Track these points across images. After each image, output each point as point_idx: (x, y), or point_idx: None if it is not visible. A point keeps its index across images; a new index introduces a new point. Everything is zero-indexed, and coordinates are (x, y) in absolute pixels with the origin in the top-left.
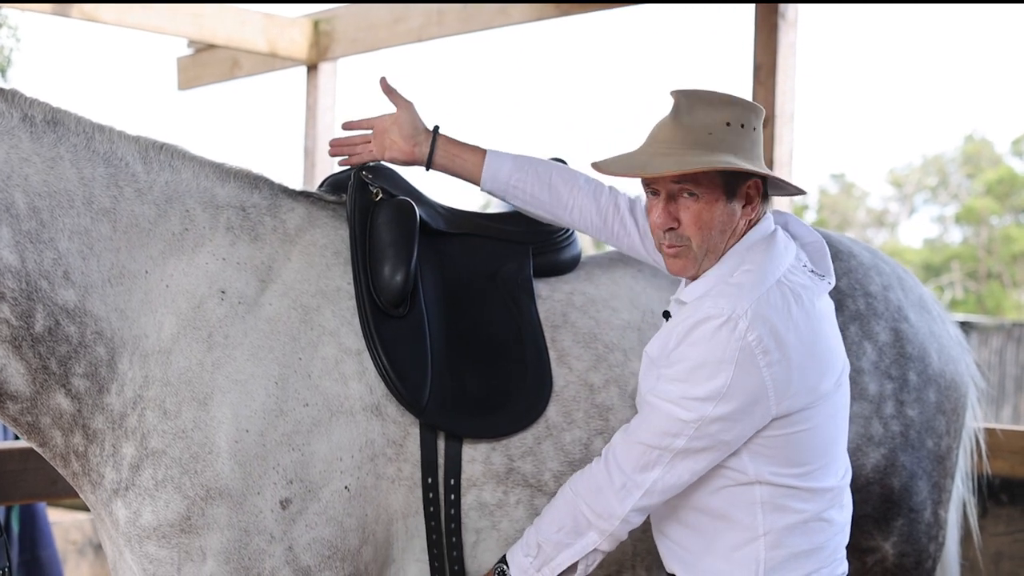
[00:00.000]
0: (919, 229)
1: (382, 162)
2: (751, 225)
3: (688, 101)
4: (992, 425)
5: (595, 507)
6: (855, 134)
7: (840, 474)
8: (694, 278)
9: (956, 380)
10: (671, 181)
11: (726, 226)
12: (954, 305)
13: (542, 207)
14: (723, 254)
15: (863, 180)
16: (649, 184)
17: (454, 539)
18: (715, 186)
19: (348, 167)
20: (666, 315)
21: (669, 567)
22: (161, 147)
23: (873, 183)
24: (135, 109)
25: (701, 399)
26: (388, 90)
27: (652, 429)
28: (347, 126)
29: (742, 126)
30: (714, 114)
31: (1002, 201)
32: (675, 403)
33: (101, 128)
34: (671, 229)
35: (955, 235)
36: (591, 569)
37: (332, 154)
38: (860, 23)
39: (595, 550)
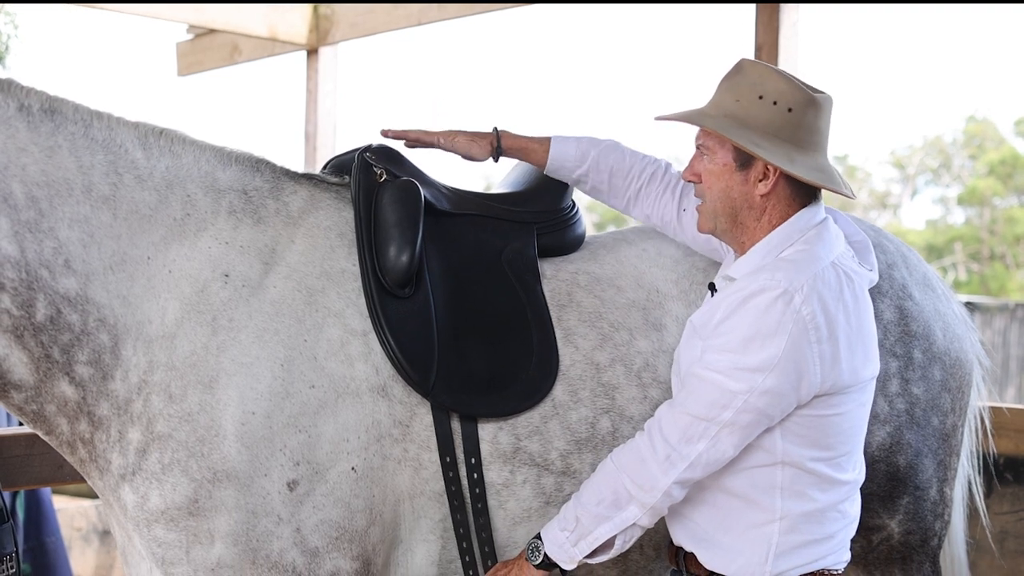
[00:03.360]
0: (922, 211)
1: (385, 144)
2: (782, 204)
3: (745, 67)
4: (997, 404)
5: (637, 479)
6: (857, 116)
7: (858, 469)
8: (740, 245)
9: (961, 358)
10: (698, 136)
11: (741, 194)
12: (957, 286)
13: (602, 198)
14: (763, 231)
15: (865, 162)
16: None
17: (482, 520)
18: (725, 150)
19: (352, 149)
20: (712, 288)
21: (677, 539)
22: (161, 132)
23: (875, 165)
24: (135, 96)
25: (752, 370)
26: (446, 150)
27: (699, 401)
28: (389, 134)
29: (789, 110)
30: (755, 86)
31: (1005, 182)
32: (725, 374)
33: (99, 115)
34: (691, 182)
35: (958, 216)
36: (628, 545)
37: (391, 134)
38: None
39: (634, 524)
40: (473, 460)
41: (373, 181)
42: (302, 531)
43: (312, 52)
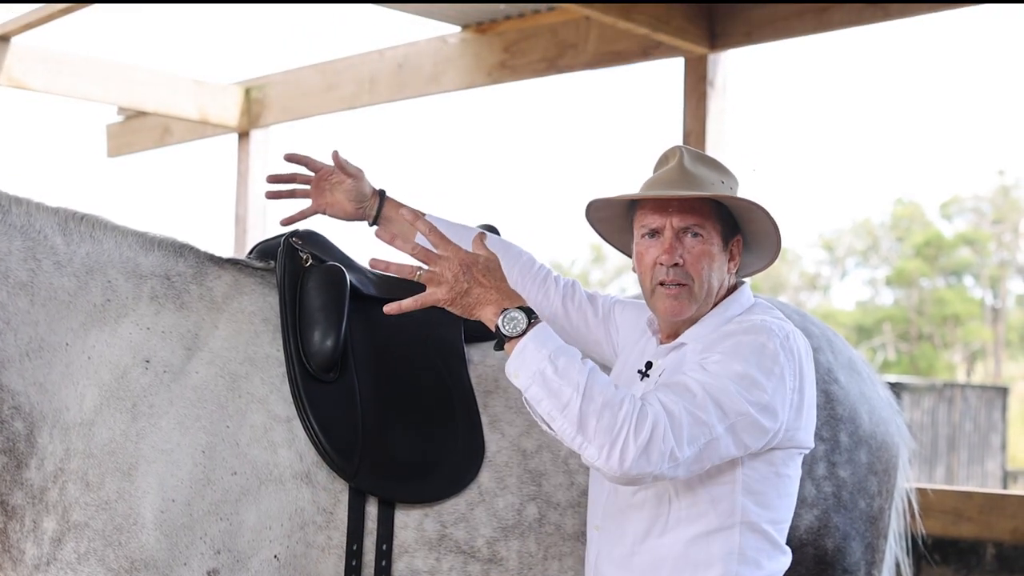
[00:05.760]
0: (851, 292)
1: (311, 229)
2: (730, 288)
3: (692, 156)
4: (924, 485)
5: (622, 442)
6: (786, 199)
7: (789, 550)
8: (685, 324)
9: (887, 441)
10: (683, 219)
11: (720, 275)
12: (886, 366)
13: None
14: (712, 308)
15: (795, 244)
16: (648, 225)
17: None
18: (716, 231)
19: (278, 234)
20: (646, 370)
21: None
22: (82, 218)
23: (805, 247)
24: (64, 177)
25: (747, 401)
26: (340, 164)
27: (700, 407)
28: (290, 158)
29: (731, 189)
30: (715, 174)
31: (931, 263)
32: (720, 393)
33: (18, 200)
34: (676, 265)
35: (887, 297)
36: (542, 423)
37: (269, 189)
38: (788, 90)
39: (572, 442)
40: (384, 547)
41: (299, 266)
42: None
43: (243, 135)
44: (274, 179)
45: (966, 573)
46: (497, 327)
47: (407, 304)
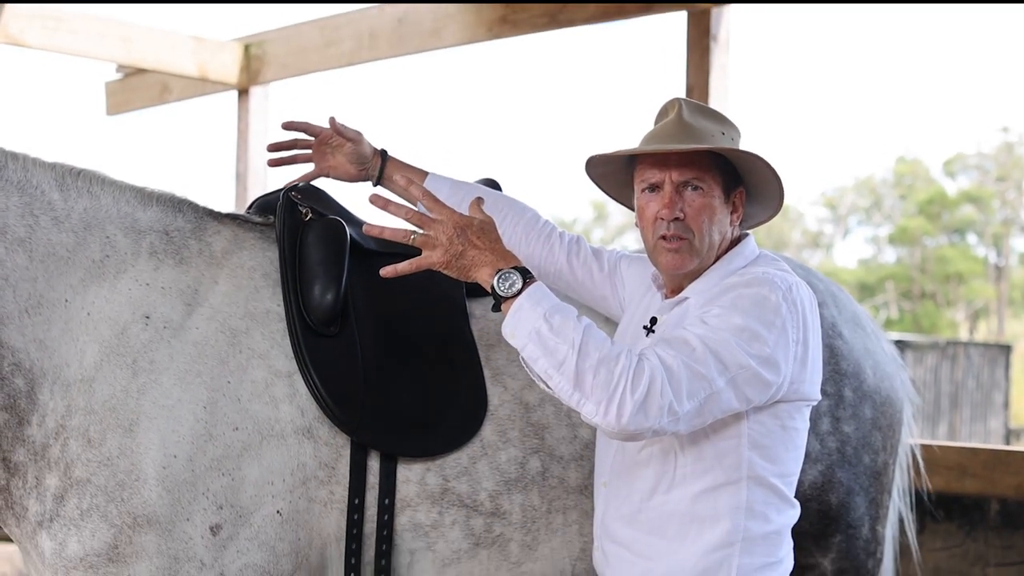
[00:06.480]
0: (854, 250)
1: (311, 183)
2: (734, 241)
3: (691, 108)
4: (928, 441)
5: (620, 396)
6: (789, 156)
7: (798, 503)
8: (688, 278)
9: (891, 396)
10: (682, 173)
11: (721, 228)
12: (889, 324)
13: None
14: (716, 261)
15: (798, 202)
16: (648, 180)
17: (383, 561)
18: (716, 183)
19: (278, 189)
20: (651, 325)
21: None
22: (79, 173)
23: (807, 205)
24: (63, 136)
25: (748, 354)
26: (338, 129)
27: (698, 362)
28: (288, 126)
29: (732, 140)
30: (716, 125)
31: (934, 221)
32: (720, 347)
33: (15, 156)
34: (677, 219)
35: (889, 255)
36: (539, 381)
37: (271, 156)
38: (791, 46)
39: (569, 395)
40: (387, 501)
41: (298, 220)
42: None
43: (243, 92)
44: (275, 147)
45: (970, 529)
46: (492, 287)
47: (403, 268)
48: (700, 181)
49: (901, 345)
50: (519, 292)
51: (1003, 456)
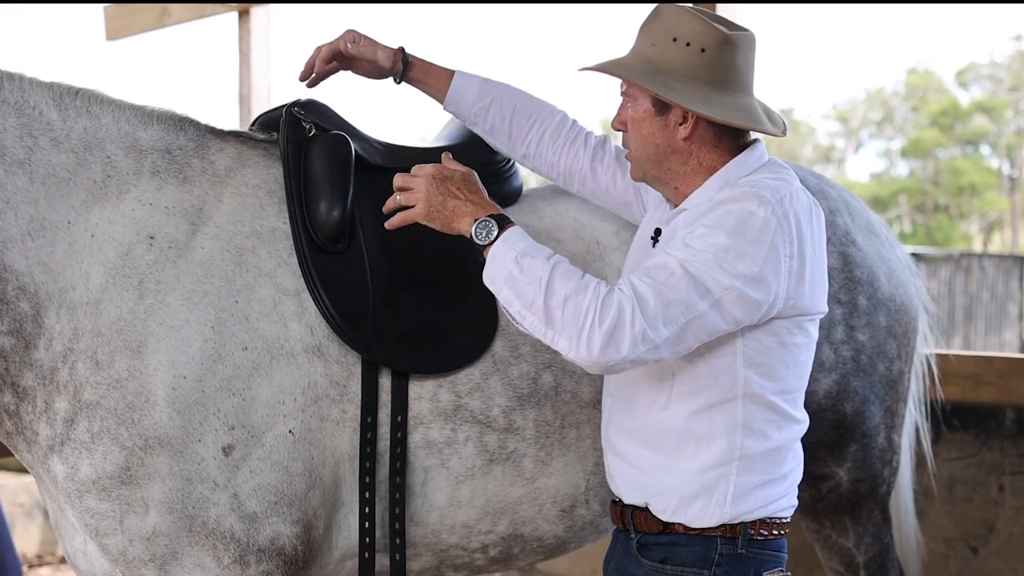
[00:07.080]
0: (866, 164)
1: (313, 98)
2: (707, 146)
3: (662, 11)
4: (943, 351)
5: (593, 333)
6: (799, 70)
7: (805, 416)
8: (688, 188)
9: (906, 304)
10: (621, 85)
11: (663, 140)
12: (902, 238)
13: (500, 140)
14: (694, 174)
15: (809, 116)
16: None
17: (398, 479)
18: (644, 96)
19: (280, 105)
20: (656, 236)
21: (623, 494)
22: (77, 92)
23: (819, 119)
24: (62, 61)
25: (731, 275)
26: (350, 53)
27: (675, 289)
28: (305, 76)
29: (702, 50)
30: (669, 29)
31: (947, 133)
32: (702, 270)
33: (10, 76)
34: (619, 130)
35: (902, 168)
36: (511, 314)
37: (304, 78)
38: None
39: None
40: (399, 418)
41: (302, 136)
42: (239, 496)
43: (244, 13)
44: (305, 76)
45: (985, 438)
46: (471, 236)
47: (394, 222)
48: (628, 95)
49: (915, 258)
50: (495, 239)
51: (1018, 364)
